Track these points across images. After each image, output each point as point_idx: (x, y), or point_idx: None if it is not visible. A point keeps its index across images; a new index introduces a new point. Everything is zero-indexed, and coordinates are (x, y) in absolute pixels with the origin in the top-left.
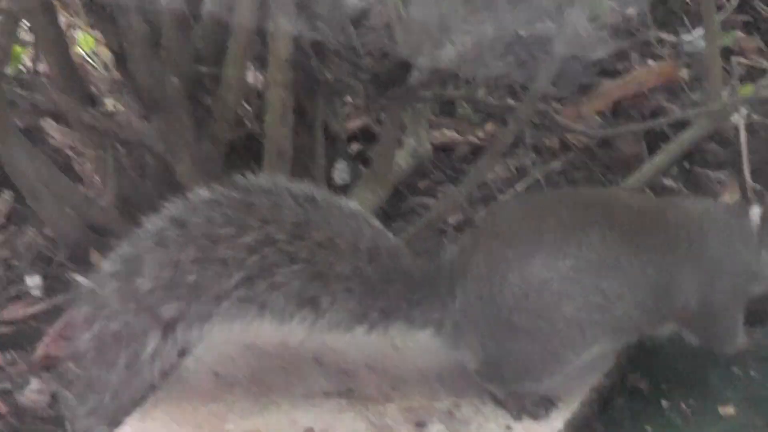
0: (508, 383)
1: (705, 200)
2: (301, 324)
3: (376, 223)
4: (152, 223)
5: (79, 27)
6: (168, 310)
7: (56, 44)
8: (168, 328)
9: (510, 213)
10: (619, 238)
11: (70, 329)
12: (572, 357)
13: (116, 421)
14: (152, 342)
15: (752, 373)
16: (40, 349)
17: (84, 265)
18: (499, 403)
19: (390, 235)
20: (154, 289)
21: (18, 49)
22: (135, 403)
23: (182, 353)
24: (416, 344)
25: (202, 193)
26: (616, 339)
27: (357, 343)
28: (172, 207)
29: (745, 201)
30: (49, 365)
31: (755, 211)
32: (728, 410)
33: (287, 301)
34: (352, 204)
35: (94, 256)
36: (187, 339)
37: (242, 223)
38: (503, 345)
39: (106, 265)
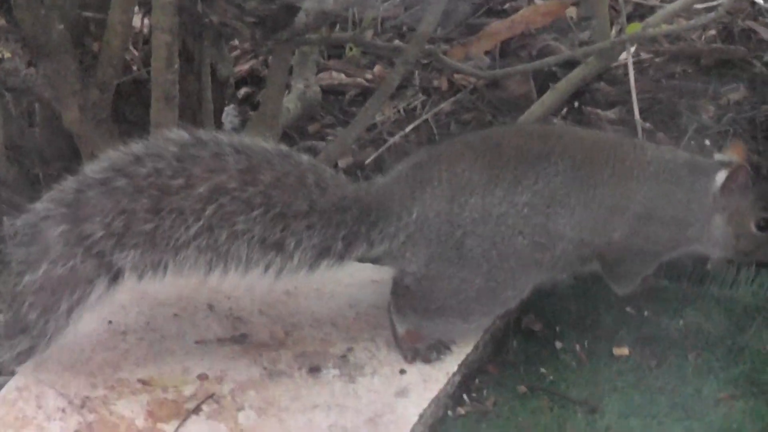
0: (428, 315)
1: (673, 149)
2: (267, 271)
3: (307, 157)
4: (94, 171)
5: None
6: (120, 259)
7: None
8: (116, 276)
9: (475, 141)
10: (572, 173)
11: None
12: (510, 297)
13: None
14: (99, 289)
15: (646, 313)
16: None
17: None
18: (395, 342)
19: (324, 165)
20: (105, 236)
21: None
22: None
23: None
24: (309, 289)
25: (140, 146)
26: (549, 278)
27: (250, 288)
28: (114, 157)
29: (717, 164)
30: None
31: (720, 176)
32: (622, 351)
33: (251, 248)
34: (281, 146)
35: None
36: (136, 287)
37: (190, 174)
38: (448, 268)
39: (42, 206)
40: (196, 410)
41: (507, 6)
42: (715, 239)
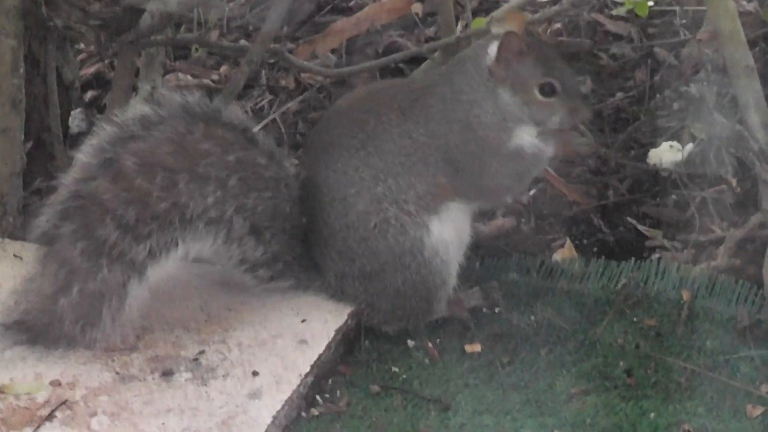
0: (414, 319)
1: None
2: (235, 252)
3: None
4: (93, 155)
5: None
6: (139, 252)
7: None
8: (142, 269)
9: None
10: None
11: None
12: (432, 259)
13: None
14: (134, 289)
15: (497, 310)
16: None
17: None
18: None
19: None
20: (120, 235)
21: None
22: None
23: None
24: (160, 292)
25: (145, 108)
26: (447, 221)
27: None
28: (123, 125)
29: (491, 38)
30: None
31: (492, 48)
32: (474, 347)
33: (242, 227)
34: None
35: None
36: (157, 276)
37: (223, 140)
38: (381, 294)
39: (47, 220)
40: (50, 417)
41: (352, 3)
42: (509, 112)
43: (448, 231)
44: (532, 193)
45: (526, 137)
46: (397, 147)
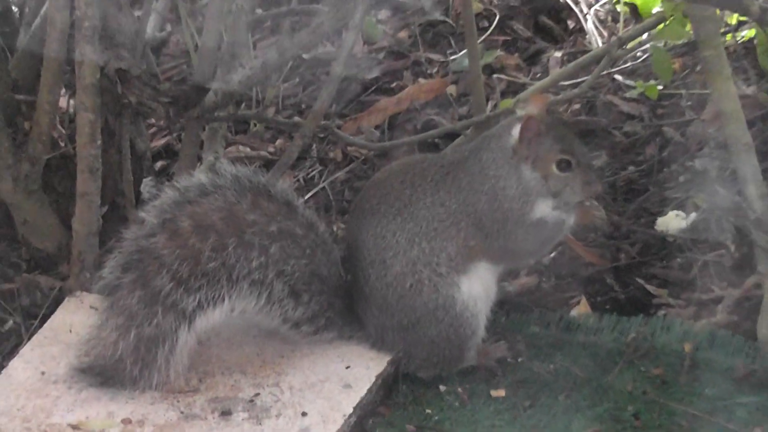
0: (447, 366)
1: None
2: (275, 312)
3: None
4: (155, 215)
5: None
6: (190, 303)
7: None
8: (191, 319)
9: (354, 222)
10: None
11: None
12: (463, 314)
13: None
14: (183, 335)
15: (520, 359)
16: None
17: None
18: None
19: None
20: (174, 286)
21: None
22: None
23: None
24: (220, 339)
25: (203, 177)
26: (476, 280)
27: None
28: (182, 191)
29: (515, 120)
30: None
31: (515, 130)
32: (499, 392)
33: (282, 289)
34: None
35: None
36: (204, 326)
37: (267, 212)
38: (418, 344)
39: (111, 273)
40: None
41: (394, 84)
42: (530, 187)
43: (477, 288)
44: (552, 255)
45: (546, 209)
46: (430, 214)
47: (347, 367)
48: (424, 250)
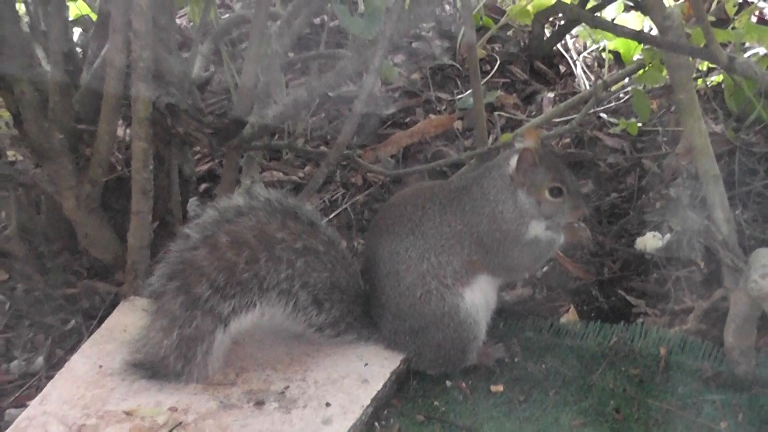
0: (451, 365)
1: (490, 163)
2: (300, 318)
3: (350, 253)
4: (193, 230)
5: None
6: (225, 308)
7: None
8: (227, 322)
9: (370, 240)
10: (428, 226)
11: None
12: (465, 321)
13: None
14: (219, 336)
15: (516, 360)
16: None
17: None
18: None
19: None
20: (212, 293)
21: None
22: None
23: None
24: (254, 340)
25: (239, 200)
26: (477, 291)
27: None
28: (212, 214)
29: (513, 152)
30: None
31: (513, 161)
32: (498, 388)
33: (306, 298)
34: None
35: (1, 275)
36: (237, 329)
37: (294, 231)
38: (426, 345)
39: (157, 281)
40: None
41: (408, 120)
42: (526, 210)
43: (479, 298)
44: (544, 269)
45: (539, 229)
46: (438, 233)
47: (365, 365)
48: (433, 264)
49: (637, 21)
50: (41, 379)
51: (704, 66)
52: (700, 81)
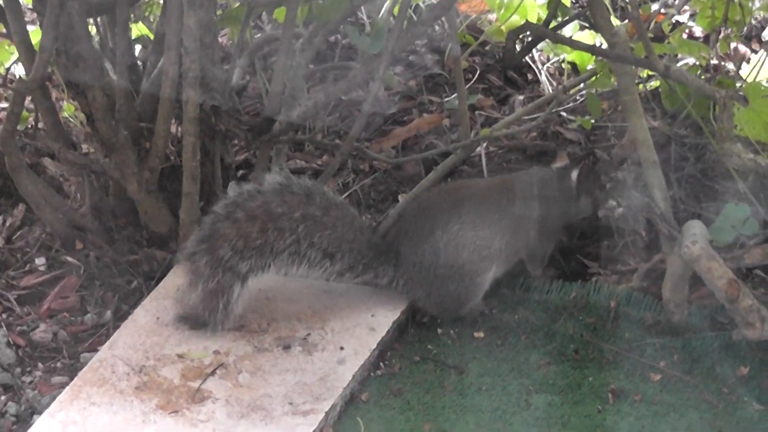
0: (448, 311)
1: (543, 170)
2: (319, 270)
3: (353, 210)
4: (219, 207)
5: (64, 99)
6: (243, 267)
7: (49, 110)
8: (244, 278)
9: (422, 203)
10: (486, 207)
11: (64, 291)
12: (479, 283)
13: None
14: (236, 290)
15: (494, 311)
16: (45, 305)
17: (72, 250)
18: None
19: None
20: (233, 255)
21: (25, 114)
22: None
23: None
24: (282, 296)
25: (250, 186)
26: (499, 266)
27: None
28: (233, 196)
29: (568, 167)
30: (50, 315)
31: (574, 174)
32: (479, 335)
33: (316, 254)
34: (340, 198)
35: (78, 245)
36: (255, 285)
37: (291, 204)
38: (438, 291)
39: (191, 245)
40: (212, 373)
41: (405, 118)
42: (585, 209)
43: (499, 272)
44: None
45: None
46: (499, 217)
47: (372, 316)
48: (484, 236)
49: (590, 38)
50: (110, 329)
51: (645, 73)
52: (641, 86)
